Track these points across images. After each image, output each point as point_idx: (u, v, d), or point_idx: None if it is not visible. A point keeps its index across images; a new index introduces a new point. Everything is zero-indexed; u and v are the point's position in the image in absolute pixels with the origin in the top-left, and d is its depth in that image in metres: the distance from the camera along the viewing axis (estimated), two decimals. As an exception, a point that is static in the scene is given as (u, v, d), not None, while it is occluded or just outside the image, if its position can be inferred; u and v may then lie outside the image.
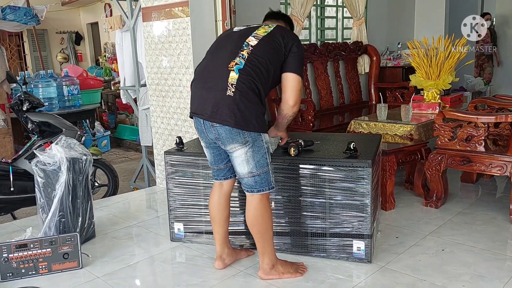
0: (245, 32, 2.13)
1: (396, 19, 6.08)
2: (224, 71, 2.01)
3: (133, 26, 4.09)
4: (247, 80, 1.99)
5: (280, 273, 2.21)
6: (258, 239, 2.17)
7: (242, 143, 2.01)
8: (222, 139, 2.04)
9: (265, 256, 2.19)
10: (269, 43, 2.07)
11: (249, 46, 2.05)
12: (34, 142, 3.57)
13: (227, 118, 1.97)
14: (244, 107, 1.97)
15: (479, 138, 2.91)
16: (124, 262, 2.50)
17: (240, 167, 2.08)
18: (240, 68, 1.99)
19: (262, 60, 2.03)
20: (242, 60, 2.01)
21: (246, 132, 2.00)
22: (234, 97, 1.96)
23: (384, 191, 3.05)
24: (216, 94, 2.00)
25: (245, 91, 1.97)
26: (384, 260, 2.38)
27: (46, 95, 5.69)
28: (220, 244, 2.35)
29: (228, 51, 2.07)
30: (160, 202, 3.60)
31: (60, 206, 2.57)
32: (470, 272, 2.25)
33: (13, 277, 2.31)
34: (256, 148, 2.04)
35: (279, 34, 2.11)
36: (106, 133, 6.94)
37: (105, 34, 9.51)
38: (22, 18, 6.47)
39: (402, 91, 5.00)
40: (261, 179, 2.08)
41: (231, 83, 1.97)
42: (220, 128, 2.01)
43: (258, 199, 2.11)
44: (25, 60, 10.54)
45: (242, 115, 1.97)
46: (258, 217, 2.12)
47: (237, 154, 2.05)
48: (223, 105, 1.97)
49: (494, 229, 2.76)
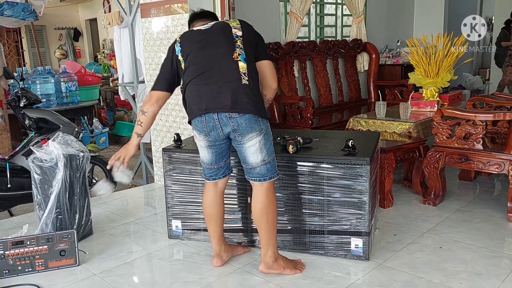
0: (223, 26, 2.13)
1: (396, 17, 6.07)
2: (231, 63, 2.02)
3: (132, 22, 4.08)
4: (253, 69, 2.06)
5: (281, 268, 2.21)
6: (266, 230, 2.16)
7: (258, 131, 2.04)
8: (240, 130, 2.02)
9: (269, 249, 2.18)
10: (248, 34, 2.13)
11: (239, 37, 2.08)
12: (31, 139, 3.56)
13: (249, 106, 1.99)
14: (258, 95, 2.06)
15: (477, 136, 2.90)
16: (121, 259, 2.49)
17: (253, 156, 2.08)
18: (244, 58, 2.04)
19: (251, 50, 2.10)
20: (242, 50, 2.05)
21: (261, 119, 2.04)
22: (249, 85, 2.00)
23: (382, 189, 3.05)
24: (231, 85, 1.99)
25: (254, 79, 2.05)
26: (382, 258, 2.38)
27: (44, 92, 5.68)
28: (216, 241, 2.35)
29: (222, 45, 2.06)
30: (158, 199, 3.59)
31: (57, 203, 2.56)
32: (467, 269, 2.25)
33: (9, 274, 2.30)
34: (267, 135, 2.09)
35: (245, 26, 2.16)
36: (104, 130, 6.92)
37: (104, 30, 9.49)
38: (20, 14, 6.42)
39: (401, 89, 5.01)
40: (271, 166, 2.12)
41: (243, 72, 2.01)
42: (240, 118, 2.00)
43: (268, 187, 2.12)
44: (23, 56, 10.51)
45: (259, 103, 2.03)
46: (269, 206, 2.13)
47: (251, 143, 2.05)
48: (242, 94, 1.99)
49: (492, 226, 2.76)
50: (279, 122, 4.26)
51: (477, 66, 8.79)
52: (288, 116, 4.22)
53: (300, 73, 4.70)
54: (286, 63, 4.49)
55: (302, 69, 4.69)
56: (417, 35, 5.65)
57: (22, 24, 7.60)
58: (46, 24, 10.21)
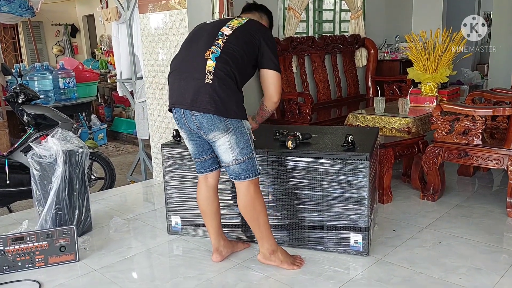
0: (219, 23, 2.14)
1: (394, 12, 6.06)
2: (200, 60, 2.02)
3: (130, 18, 4.06)
4: (224, 68, 2.00)
5: (279, 261, 2.22)
6: (253, 226, 2.18)
7: (224, 131, 2.02)
8: (203, 128, 2.03)
9: (264, 242, 2.20)
10: (243, 34, 2.09)
11: (224, 36, 2.06)
12: (30, 135, 3.55)
13: (208, 106, 1.97)
14: (224, 94, 1.99)
15: (476, 132, 2.91)
16: (121, 255, 2.49)
17: (224, 155, 2.08)
18: (216, 56, 2.00)
19: (237, 49, 2.04)
20: (218, 48, 2.02)
21: (227, 119, 2.01)
22: (213, 84, 1.97)
23: (381, 184, 3.05)
24: (195, 83, 2.00)
25: (223, 78, 1.99)
26: (381, 253, 2.39)
27: (41, 88, 5.66)
28: (215, 237, 2.35)
29: (202, 41, 2.08)
30: (157, 195, 3.59)
31: (56, 199, 2.56)
32: (467, 264, 2.25)
33: (10, 270, 2.30)
34: (239, 135, 2.05)
35: (252, 28, 2.13)
36: (102, 126, 6.91)
37: (101, 26, 9.44)
38: (17, 10, 6.40)
39: (400, 84, 5.00)
40: (247, 166, 2.09)
41: (209, 70, 1.98)
42: (201, 117, 2.00)
43: (246, 186, 2.11)
44: (20, 53, 10.46)
45: (222, 102, 1.98)
46: (249, 203, 2.13)
47: (220, 142, 2.05)
48: (202, 93, 1.97)
49: (491, 222, 2.77)
50: (277, 118, 4.25)
51: (476, 62, 8.78)
52: (287, 112, 4.22)
53: (299, 69, 4.69)
54: (285, 59, 4.48)
55: (301, 65, 4.68)
56: (416, 30, 5.64)
57: (19, 21, 7.55)
58: (43, 20, 10.16)
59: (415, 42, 4.00)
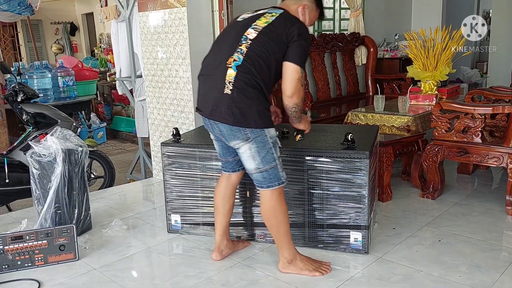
0: (246, 23, 2.04)
1: (394, 10, 6.05)
2: (222, 69, 1.97)
3: (129, 17, 4.05)
4: (245, 77, 1.93)
5: (299, 269, 2.18)
6: (273, 233, 2.17)
7: (244, 140, 1.99)
8: (224, 136, 2.04)
9: (283, 250, 2.18)
10: (269, 34, 1.97)
11: (247, 40, 1.97)
12: (29, 134, 3.55)
13: (226, 116, 1.95)
14: (244, 105, 1.94)
15: (476, 130, 2.91)
16: (121, 253, 2.49)
17: (247, 162, 2.07)
18: (238, 65, 1.94)
19: (262, 54, 1.95)
20: (240, 55, 1.95)
21: (247, 129, 1.97)
22: (231, 95, 1.93)
23: (381, 182, 3.05)
24: (215, 93, 1.98)
25: (243, 88, 1.93)
26: (381, 251, 2.39)
27: (41, 86, 5.65)
28: (220, 235, 2.35)
29: (228, 45, 2.02)
30: (156, 193, 3.59)
31: (56, 198, 2.56)
32: (466, 262, 2.25)
33: (9, 269, 2.29)
34: (260, 144, 2.00)
35: (282, 23, 1.99)
36: (102, 124, 6.91)
37: (101, 24, 9.42)
38: (16, 8, 6.39)
39: (399, 82, 5.00)
40: (269, 175, 2.05)
41: (229, 80, 1.94)
42: (221, 126, 2.00)
43: (268, 194, 2.08)
44: (19, 51, 10.44)
45: (241, 113, 1.94)
46: (270, 211, 2.11)
47: (242, 150, 2.04)
48: (221, 103, 1.95)
49: (491, 220, 2.77)
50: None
51: (475, 60, 8.78)
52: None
53: (298, 67, 4.68)
54: (284, 57, 4.47)
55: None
56: (415, 28, 5.63)
57: (18, 19, 7.54)
58: (43, 18, 10.14)
59: (414, 40, 4.00)
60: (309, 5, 2.12)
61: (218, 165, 2.49)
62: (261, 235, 2.52)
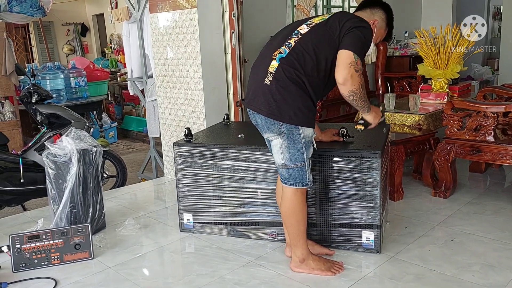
0: (304, 20, 2.06)
1: (403, 7, 6.02)
2: (268, 60, 1.99)
3: (140, 18, 4.09)
4: (287, 70, 1.92)
5: (310, 269, 2.18)
6: (290, 231, 2.18)
7: (276, 133, 2.00)
8: (259, 127, 2.07)
9: (296, 249, 2.19)
10: (321, 29, 1.95)
11: (298, 34, 1.98)
12: (44, 134, 3.60)
13: (261, 107, 1.97)
14: (281, 98, 1.93)
15: (488, 128, 2.89)
16: (134, 252, 2.52)
17: (275, 156, 2.08)
18: (282, 57, 1.95)
19: (309, 49, 1.92)
20: (287, 48, 1.96)
21: (281, 123, 1.97)
22: (270, 86, 1.95)
23: (392, 181, 3.05)
24: (256, 82, 2.01)
25: (283, 81, 1.93)
26: (393, 251, 2.39)
27: (53, 87, 5.72)
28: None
29: (280, 39, 2.03)
30: (168, 193, 3.62)
31: (71, 198, 2.59)
32: (480, 262, 2.25)
33: (26, 267, 2.34)
34: (291, 140, 2.00)
35: (337, 19, 1.96)
36: (113, 124, 6.96)
37: (111, 25, 9.50)
38: (28, 10, 6.45)
39: (410, 80, 4.97)
40: (294, 173, 2.05)
41: (270, 71, 1.96)
42: (257, 116, 2.02)
43: (290, 191, 2.09)
44: (31, 52, 10.56)
45: (277, 106, 1.94)
46: (290, 209, 2.12)
47: (274, 143, 2.06)
48: (260, 93, 1.98)
49: (504, 219, 2.76)
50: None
51: (486, 57, 8.70)
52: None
53: (308, 66, 4.68)
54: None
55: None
56: (425, 25, 5.60)
57: (30, 20, 7.60)
58: (54, 20, 10.24)
59: (425, 38, 3.98)
60: (380, 22, 2.12)
61: (229, 164, 2.51)
62: (272, 234, 2.54)
